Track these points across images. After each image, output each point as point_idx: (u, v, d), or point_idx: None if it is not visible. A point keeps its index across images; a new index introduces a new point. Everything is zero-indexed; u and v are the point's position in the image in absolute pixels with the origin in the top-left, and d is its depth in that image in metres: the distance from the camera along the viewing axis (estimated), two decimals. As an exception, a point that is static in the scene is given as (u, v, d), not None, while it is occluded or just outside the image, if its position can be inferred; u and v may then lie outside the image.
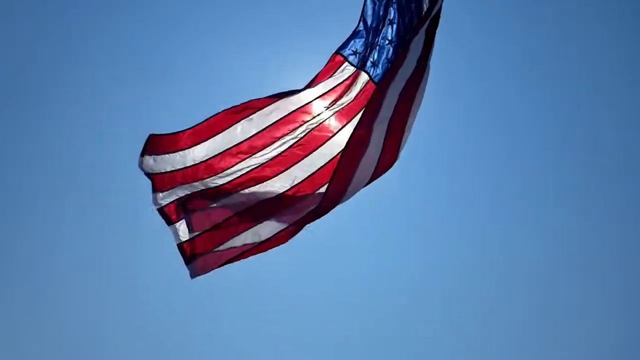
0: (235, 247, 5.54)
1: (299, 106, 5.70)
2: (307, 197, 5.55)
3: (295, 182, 5.61)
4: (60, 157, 13.31)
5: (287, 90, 5.76)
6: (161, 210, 5.52)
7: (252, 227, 5.53)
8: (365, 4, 5.70)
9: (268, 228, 5.52)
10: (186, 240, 5.52)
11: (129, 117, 13.45)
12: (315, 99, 5.74)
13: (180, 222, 5.53)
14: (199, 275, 5.59)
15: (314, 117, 5.74)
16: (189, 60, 13.73)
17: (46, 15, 13.34)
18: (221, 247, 5.54)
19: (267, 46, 13.78)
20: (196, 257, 5.53)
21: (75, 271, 12.86)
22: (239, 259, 5.56)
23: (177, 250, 5.59)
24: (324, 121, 5.74)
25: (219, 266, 5.58)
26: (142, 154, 5.52)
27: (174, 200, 5.52)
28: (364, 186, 5.50)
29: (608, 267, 12.93)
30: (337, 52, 5.79)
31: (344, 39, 5.82)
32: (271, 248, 5.54)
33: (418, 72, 5.06)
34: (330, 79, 5.76)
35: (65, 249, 13.00)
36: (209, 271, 5.59)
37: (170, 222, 5.53)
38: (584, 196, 13.42)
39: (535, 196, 13.56)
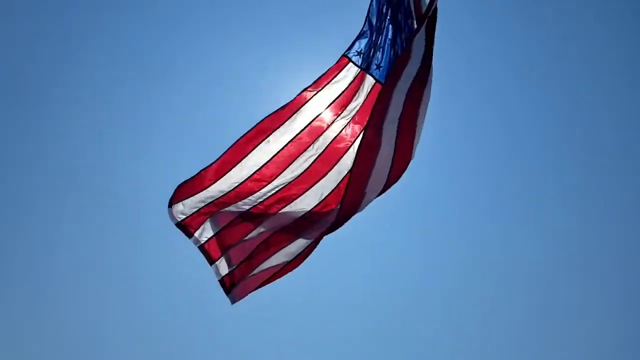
0: (270, 268, 5.67)
1: (311, 119, 5.71)
2: (334, 210, 5.59)
3: (323, 198, 5.65)
4: (61, 157, 13.33)
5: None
6: (202, 248, 5.66)
7: (285, 247, 5.64)
8: (371, 4, 5.69)
9: (298, 245, 5.63)
10: (226, 274, 5.68)
11: (129, 117, 13.47)
12: (326, 108, 5.74)
13: (220, 259, 5.67)
14: (237, 300, 5.75)
15: (329, 127, 5.74)
16: (189, 60, 13.74)
17: (46, 15, 13.35)
18: (256, 271, 5.67)
19: (267, 46, 13.80)
20: (235, 285, 5.69)
21: (75, 271, 12.88)
22: (274, 280, 5.70)
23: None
24: (340, 131, 5.74)
25: (256, 289, 5.73)
26: (170, 205, 5.60)
27: (212, 237, 5.65)
28: (383, 191, 5.54)
29: (608, 267, 12.94)
30: (343, 54, 5.78)
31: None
32: (301, 263, 5.67)
33: (423, 71, 5.05)
34: (335, 82, 5.75)
35: (65, 249, 13.01)
36: (247, 294, 5.74)
37: (211, 261, 5.68)
38: (584, 196, 13.44)
39: (535, 196, 13.58)
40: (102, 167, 13.24)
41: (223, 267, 5.68)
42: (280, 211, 5.61)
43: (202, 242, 5.65)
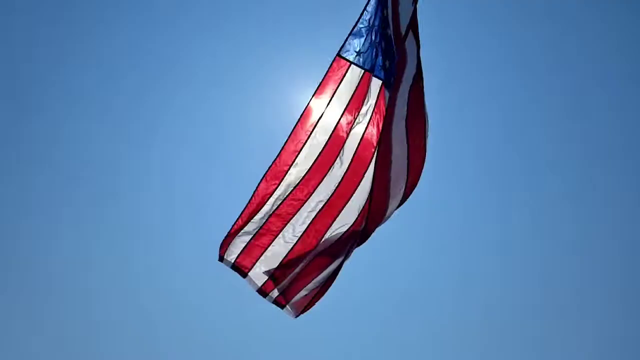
0: (315, 288, 5.86)
1: (330, 132, 5.71)
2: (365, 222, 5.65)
3: (360, 210, 5.71)
4: (61, 157, 13.34)
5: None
6: (260, 291, 5.89)
7: (330, 265, 5.79)
8: (369, 2, 5.64)
9: (338, 262, 5.78)
10: (278, 295, 5.90)
11: (129, 117, 13.48)
12: (340, 117, 5.72)
13: (273, 291, 5.90)
14: (297, 316, 6.00)
15: (348, 136, 5.73)
16: (189, 60, 13.74)
17: (46, 16, 13.35)
18: (303, 292, 5.88)
19: (267, 46, 13.79)
20: (290, 302, 5.92)
21: (75, 271, 12.89)
22: (321, 296, 5.92)
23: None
24: (361, 139, 5.74)
25: (307, 308, 5.95)
26: (221, 259, 5.83)
27: (267, 280, 5.85)
28: (405, 197, 5.68)
29: (608, 267, 12.95)
30: (340, 56, 5.69)
31: (344, 39, 5.71)
32: (336, 277, 5.85)
33: (418, 75, 5.15)
34: (342, 88, 5.69)
35: (65, 249, 13.02)
36: (305, 311, 5.98)
37: (265, 294, 5.91)
38: (584, 196, 13.45)
39: (535, 196, 13.58)
40: (102, 167, 13.27)
41: (275, 294, 5.89)
42: (324, 237, 5.75)
43: (260, 286, 5.86)
